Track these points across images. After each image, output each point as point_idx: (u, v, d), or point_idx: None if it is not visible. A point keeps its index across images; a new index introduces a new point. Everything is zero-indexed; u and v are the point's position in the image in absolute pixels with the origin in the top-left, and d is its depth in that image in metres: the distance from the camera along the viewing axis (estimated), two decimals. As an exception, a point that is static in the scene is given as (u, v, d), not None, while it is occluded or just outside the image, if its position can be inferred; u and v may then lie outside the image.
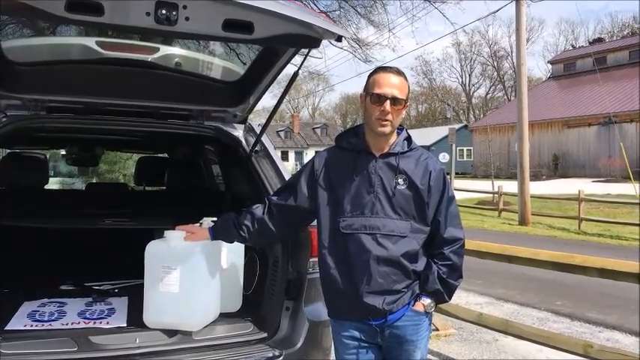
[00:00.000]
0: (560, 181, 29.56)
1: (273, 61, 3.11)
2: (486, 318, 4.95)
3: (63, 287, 3.73)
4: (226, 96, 3.44)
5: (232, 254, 3.17)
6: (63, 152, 8.06)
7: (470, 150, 44.70)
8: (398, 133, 2.43)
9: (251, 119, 3.69)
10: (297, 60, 3.19)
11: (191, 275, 2.80)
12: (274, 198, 2.57)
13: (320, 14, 2.51)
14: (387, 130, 2.34)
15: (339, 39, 2.64)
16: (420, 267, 2.37)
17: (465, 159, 45.25)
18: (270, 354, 2.79)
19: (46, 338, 2.74)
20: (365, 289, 2.29)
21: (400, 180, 2.34)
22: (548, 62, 50.96)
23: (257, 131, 3.47)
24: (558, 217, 16.72)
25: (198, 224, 2.85)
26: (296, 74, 3.01)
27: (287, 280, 3.00)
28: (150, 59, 3.10)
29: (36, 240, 4.10)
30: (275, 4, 2.39)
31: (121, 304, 3.34)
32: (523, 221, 16.42)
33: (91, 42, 2.98)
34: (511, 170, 29.71)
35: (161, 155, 6.47)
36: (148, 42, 3.16)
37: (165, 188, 5.22)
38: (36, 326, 2.96)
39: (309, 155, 52.88)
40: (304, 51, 3.07)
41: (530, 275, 7.67)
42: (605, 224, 15.20)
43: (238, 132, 3.50)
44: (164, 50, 3.12)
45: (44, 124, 3.24)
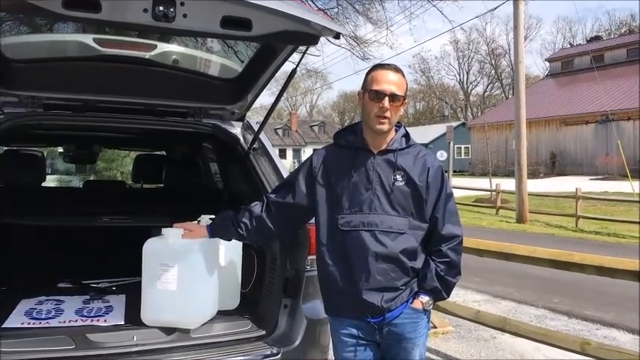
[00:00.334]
0: (557, 179, 29.61)
1: (271, 59, 3.10)
2: (484, 315, 4.95)
3: (60, 285, 3.72)
4: (224, 93, 3.43)
5: (230, 252, 3.17)
6: (60, 150, 8.05)
7: (468, 148, 44.75)
8: (396, 130, 2.43)
9: (249, 117, 3.68)
10: (295, 57, 3.18)
11: (189, 273, 2.79)
12: (272, 196, 2.57)
13: (318, 12, 2.50)
14: (386, 128, 2.35)
15: (337, 36, 2.63)
16: (419, 264, 2.37)
17: (463, 157, 45.30)
18: (268, 352, 2.79)
19: (44, 336, 2.73)
20: (363, 287, 2.29)
21: (398, 176, 2.34)
22: (545, 60, 51.06)
23: (255, 129, 3.46)
24: (556, 215, 16.74)
25: (196, 222, 2.85)
26: (294, 72, 3.00)
27: (285, 278, 2.99)
28: (147, 56, 3.09)
29: (33, 238, 4.09)
30: (273, 2, 2.38)
31: (119, 302, 3.33)
32: (521, 219, 16.43)
33: (89, 39, 2.96)
34: (509, 168, 29.72)
35: (159, 153, 6.46)
36: (146, 39, 3.15)
37: (162, 186, 5.21)
38: (33, 324, 2.94)
39: (306, 153, 52.90)
40: (302, 48, 3.06)
41: (527, 273, 7.66)
42: (602, 222, 15.23)
43: (236, 129, 3.50)
44: (162, 47, 3.11)
45: (41, 122, 3.23)
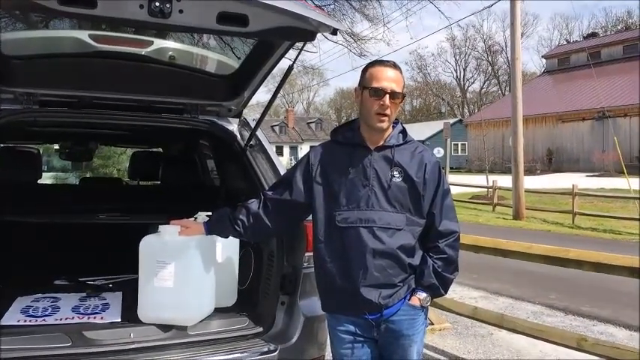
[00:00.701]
0: (554, 176, 29.67)
1: (267, 55, 3.09)
2: (481, 312, 4.96)
3: (57, 282, 3.70)
4: (221, 90, 3.42)
5: (227, 249, 3.16)
6: (56, 147, 8.01)
7: (464, 144, 44.81)
8: (393, 127, 2.43)
9: (246, 114, 3.67)
10: (291, 54, 3.18)
11: (186, 270, 2.78)
12: (269, 192, 2.56)
13: (315, 8, 2.49)
14: (385, 125, 2.35)
15: (334, 32, 2.62)
16: (416, 261, 2.37)
17: (460, 153, 45.37)
18: (265, 348, 2.78)
19: (40, 333, 2.72)
20: (361, 283, 2.28)
21: (396, 172, 2.33)
22: (542, 57, 51.11)
23: (252, 125, 3.45)
24: (552, 212, 16.79)
25: (192, 219, 2.84)
26: (291, 68, 2.99)
27: (282, 275, 2.99)
28: (143, 52, 3.07)
29: (29, 235, 4.07)
30: None
31: (115, 299, 3.32)
32: (517, 216, 16.47)
33: (84, 35, 2.94)
34: (505, 165, 29.75)
35: (155, 150, 6.44)
36: (142, 35, 3.14)
37: (159, 183, 5.20)
38: (29, 321, 2.93)
39: (303, 150, 52.89)
40: (299, 45, 3.05)
41: (524, 269, 7.68)
42: (598, 218, 15.28)
43: (233, 126, 3.48)
44: (158, 43, 3.09)
45: (37, 119, 3.21)
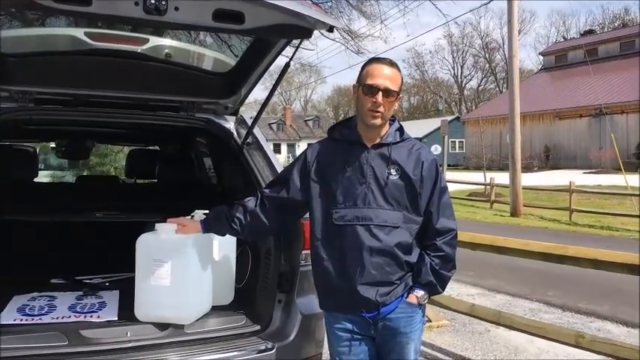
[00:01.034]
0: (551, 173, 29.71)
1: (264, 52, 3.08)
2: (478, 309, 4.96)
3: (53, 281, 3.69)
4: (217, 87, 3.40)
5: (224, 247, 3.15)
6: (53, 145, 7.99)
7: (462, 142, 44.84)
8: (390, 124, 2.42)
9: (243, 111, 3.66)
10: (288, 52, 3.17)
11: (183, 268, 2.77)
12: (266, 190, 2.56)
13: (311, 5, 2.48)
14: (378, 122, 2.34)
15: (331, 29, 2.61)
16: (413, 258, 2.36)
17: (457, 151, 45.41)
18: (262, 346, 2.77)
19: (36, 332, 2.70)
20: (358, 281, 2.28)
21: (392, 170, 2.33)
22: (539, 54, 51.16)
23: (249, 123, 3.44)
24: (550, 209, 16.80)
25: (189, 217, 2.83)
26: (288, 65, 2.98)
27: (279, 273, 2.98)
28: (139, 50, 3.05)
29: (25, 234, 4.06)
30: None
31: (112, 298, 3.31)
32: (515, 213, 16.49)
33: (80, 33, 2.93)
34: (503, 162, 29.78)
35: (152, 148, 6.42)
36: (138, 33, 3.12)
37: (156, 181, 5.18)
38: (26, 320, 2.92)
39: (301, 148, 52.82)
40: (296, 42, 3.04)
41: (521, 266, 7.69)
42: (596, 215, 15.30)
43: (230, 124, 3.47)
44: (154, 41, 3.08)
45: (32, 117, 3.19)
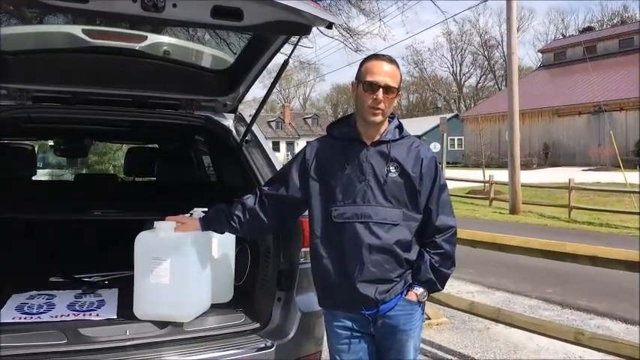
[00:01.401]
0: (550, 170, 29.72)
1: (263, 49, 3.06)
2: (478, 306, 4.96)
3: (52, 279, 3.68)
4: (216, 85, 3.39)
5: (223, 245, 3.15)
6: (51, 143, 7.98)
7: (461, 139, 44.84)
8: (389, 122, 2.42)
9: (242, 110, 3.65)
10: (287, 49, 3.15)
11: (182, 266, 2.77)
12: (265, 188, 2.55)
13: (310, 1, 2.47)
14: (379, 119, 2.33)
15: (330, 26, 2.60)
16: (413, 256, 2.36)
17: (456, 148, 45.41)
18: (261, 344, 2.77)
19: (35, 331, 2.70)
20: (357, 279, 2.28)
21: (392, 168, 2.32)
22: (538, 51, 51.16)
23: (247, 121, 3.43)
24: (549, 206, 16.81)
25: (188, 215, 2.82)
26: (286, 62, 2.97)
27: (279, 271, 2.97)
28: (138, 48, 3.04)
29: (24, 232, 4.05)
30: None
31: (111, 296, 3.30)
32: (514, 210, 16.50)
33: (78, 30, 2.91)
34: (502, 159, 29.80)
35: (151, 146, 6.41)
36: (136, 30, 3.11)
37: (155, 179, 5.18)
38: (24, 319, 2.91)
39: (300, 145, 52.81)
40: (294, 40, 3.03)
41: (521, 264, 7.69)
42: (595, 212, 15.31)
43: (228, 121, 3.46)
44: (152, 38, 3.06)
45: (30, 115, 3.18)
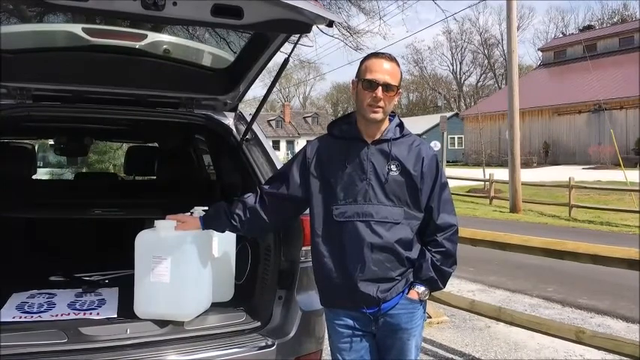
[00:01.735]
0: (550, 169, 29.74)
1: (263, 48, 3.06)
2: (479, 305, 4.96)
3: (52, 278, 3.68)
4: (216, 83, 3.39)
5: (224, 244, 3.14)
6: (51, 142, 7.98)
7: (461, 138, 44.86)
8: (390, 120, 2.41)
9: (242, 109, 3.64)
10: (287, 48, 3.15)
11: (182, 265, 2.76)
12: (266, 187, 2.54)
13: (310, 0, 2.46)
14: (379, 117, 2.32)
15: (330, 24, 2.59)
16: (414, 255, 2.35)
17: (457, 147, 45.43)
18: (262, 343, 2.77)
19: (36, 330, 2.69)
20: (359, 277, 2.27)
21: (393, 166, 2.32)
22: (538, 50, 51.15)
23: (248, 119, 3.43)
24: (549, 205, 16.83)
25: (189, 213, 2.82)
26: (286, 61, 2.96)
27: (279, 270, 2.97)
28: (138, 46, 3.03)
29: (24, 231, 4.05)
30: None
31: (112, 295, 3.30)
32: (514, 209, 16.50)
33: (77, 29, 2.91)
34: (502, 158, 29.82)
35: (151, 145, 6.41)
36: (136, 28, 3.10)
37: (155, 178, 5.17)
38: (25, 318, 2.90)
39: (300, 144, 52.89)
40: (294, 39, 3.02)
41: (521, 262, 7.70)
42: (595, 211, 15.32)
43: (229, 120, 3.45)
44: (152, 37, 3.05)
45: (30, 113, 3.17)
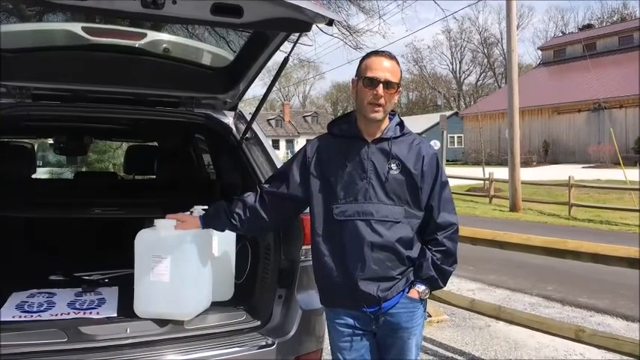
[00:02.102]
0: (550, 168, 29.74)
1: (263, 47, 3.05)
2: (479, 304, 4.96)
3: (52, 277, 3.68)
4: (216, 82, 3.38)
5: (224, 243, 3.14)
6: (51, 141, 7.97)
7: (461, 137, 44.86)
8: (390, 119, 2.41)
9: (242, 108, 3.64)
10: (287, 47, 3.15)
11: (182, 264, 2.76)
12: (266, 186, 2.54)
13: (310, -1, 2.45)
14: (380, 116, 2.32)
15: (330, 23, 2.58)
16: (415, 253, 2.35)
17: (456, 146, 45.41)
18: (262, 342, 2.76)
19: (36, 329, 2.69)
20: (359, 276, 2.27)
21: (393, 165, 2.32)
22: (538, 49, 51.14)
23: (247, 118, 3.42)
24: (549, 203, 16.84)
25: (188, 213, 2.81)
26: (286, 59, 2.95)
27: (279, 269, 2.97)
28: (137, 45, 3.03)
29: (24, 230, 4.05)
30: None
31: (111, 294, 3.30)
32: (514, 208, 16.51)
33: (77, 28, 2.90)
34: (502, 157, 29.83)
35: (150, 144, 6.41)
36: (136, 27, 3.10)
37: (155, 177, 5.17)
38: (25, 317, 2.90)
39: (300, 144, 52.89)
40: (294, 38, 3.02)
41: (521, 261, 7.70)
42: (595, 209, 15.33)
43: (228, 119, 3.45)
44: (152, 36, 3.05)
45: (30, 113, 3.17)
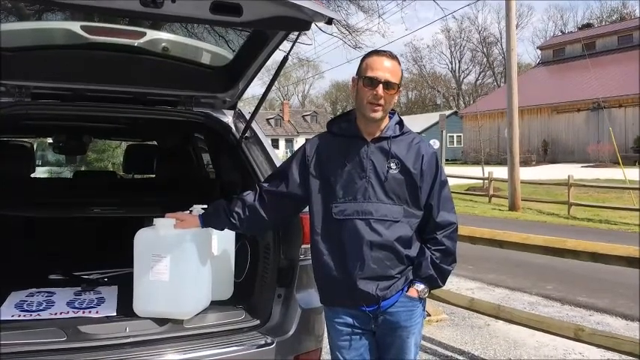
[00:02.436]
0: (549, 167, 29.74)
1: (262, 46, 3.05)
2: (478, 303, 4.96)
3: (51, 277, 3.68)
4: (215, 81, 3.38)
5: (223, 242, 3.14)
6: (50, 141, 7.96)
7: (460, 136, 44.87)
8: (389, 118, 2.41)
9: (241, 107, 3.64)
10: (286, 46, 3.15)
11: (181, 263, 2.76)
12: (265, 185, 2.54)
13: (310, -2, 2.45)
14: (379, 116, 2.32)
15: (330, 22, 2.58)
16: (414, 252, 2.35)
17: (455, 145, 45.43)
18: (262, 341, 2.77)
19: (35, 328, 2.69)
20: (358, 275, 2.27)
21: (392, 164, 2.32)
22: (537, 48, 51.15)
23: (247, 117, 3.42)
24: (548, 203, 16.84)
25: (188, 212, 2.81)
26: (286, 58, 2.96)
27: (279, 268, 2.97)
28: (137, 44, 3.03)
29: (23, 229, 4.04)
30: None
31: (111, 294, 3.29)
32: (513, 207, 16.51)
33: (76, 26, 2.90)
34: (501, 156, 29.83)
35: (150, 143, 6.41)
36: (135, 26, 3.10)
37: (154, 176, 5.17)
38: (24, 316, 2.90)
39: (299, 143, 52.89)
40: (293, 36, 3.02)
41: (520, 260, 7.71)
42: (594, 209, 15.33)
43: (228, 118, 3.45)
44: (151, 35, 3.05)
45: (29, 112, 3.17)
